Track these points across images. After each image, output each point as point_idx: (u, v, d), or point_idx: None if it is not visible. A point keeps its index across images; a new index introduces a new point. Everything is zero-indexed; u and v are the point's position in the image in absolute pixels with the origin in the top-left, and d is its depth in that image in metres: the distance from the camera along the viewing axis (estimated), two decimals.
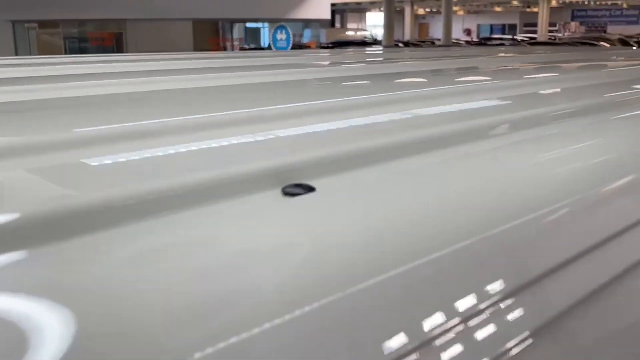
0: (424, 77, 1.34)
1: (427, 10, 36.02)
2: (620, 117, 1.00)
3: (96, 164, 0.57)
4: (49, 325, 0.36)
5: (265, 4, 11.40)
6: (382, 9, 25.48)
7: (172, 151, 0.61)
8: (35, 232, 0.44)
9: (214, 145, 0.65)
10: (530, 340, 0.53)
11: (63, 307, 0.38)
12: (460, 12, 38.17)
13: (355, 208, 0.57)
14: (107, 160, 0.58)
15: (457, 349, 0.47)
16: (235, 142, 0.67)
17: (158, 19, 10.23)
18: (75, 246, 0.43)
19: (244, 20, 13.97)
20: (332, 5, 19.57)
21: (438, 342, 0.46)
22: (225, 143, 0.66)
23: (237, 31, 17.08)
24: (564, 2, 33.06)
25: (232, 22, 13.69)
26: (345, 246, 0.50)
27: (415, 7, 29.56)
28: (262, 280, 0.44)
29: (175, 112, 0.79)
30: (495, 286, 0.53)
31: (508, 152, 0.78)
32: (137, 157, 0.60)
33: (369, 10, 33.77)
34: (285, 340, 0.41)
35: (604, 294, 0.62)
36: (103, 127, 0.68)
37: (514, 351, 0.51)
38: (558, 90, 1.16)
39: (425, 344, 0.46)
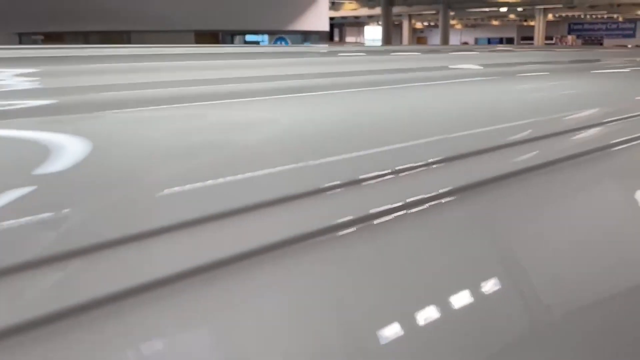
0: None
1: (425, 24, 36.41)
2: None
3: None
4: None
5: (264, 16, 11.69)
6: (380, 22, 25.84)
7: None
8: None
9: None
10: None
11: None
12: (458, 26, 38.58)
13: None
14: None
15: None
16: None
17: (161, 31, 10.51)
18: None
19: (244, 32, 14.25)
20: (331, 19, 19.90)
21: None
22: None
23: (238, 42, 17.40)
24: (560, 16, 33.41)
25: (233, 33, 13.98)
26: None
27: (413, 21, 29.92)
28: None
29: None
30: None
31: None
32: None
33: (367, 24, 34.14)
34: None
35: None
36: None
37: None
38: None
39: None
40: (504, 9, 27.05)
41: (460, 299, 0.62)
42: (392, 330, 0.55)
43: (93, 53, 0.76)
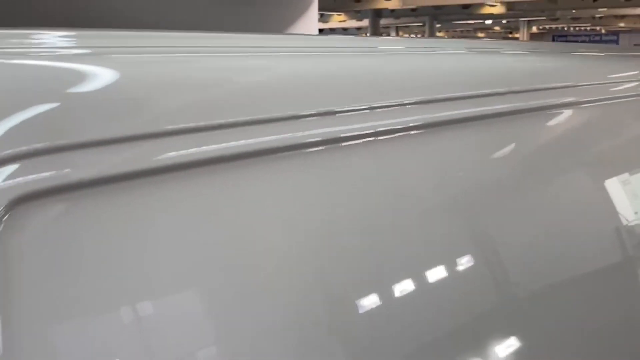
0: None
1: (412, 35, 36.86)
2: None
3: None
4: None
5: (253, 27, 12.01)
6: (368, 34, 26.16)
7: None
8: None
9: None
10: None
11: None
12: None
13: None
14: None
15: None
16: None
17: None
18: None
19: None
20: (320, 30, 20.21)
21: None
22: None
23: None
24: (544, 28, 33.94)
25: None
26: None
27: (400, 33, 30.33)
28: None
29: None
30: None
31: None
32: None
33: (357, 35, 34.48)
34: None
35: None
36: None
37: None
38: None
39: None
40: (489, 22, 27.50)
41: None
42: None
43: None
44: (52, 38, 0.76)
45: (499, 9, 19.16)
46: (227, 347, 0.72)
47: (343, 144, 0.89)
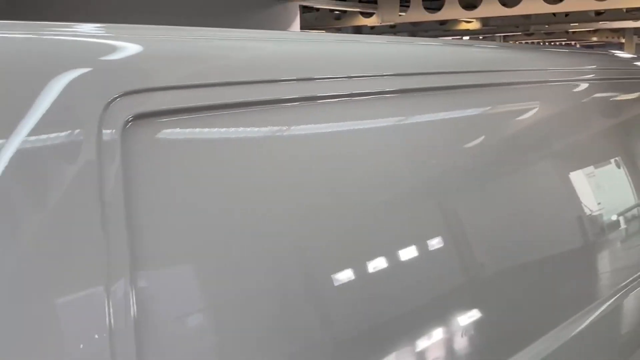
0: None
1: None
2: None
3: None
4: None
5: None
6: None
7: None
8: None
9: None
10: None
11: None
12: None
13: None
14: None
15: None
16: None
17: None
18: None
19: None
20: None
21: None
22: None
23: None
24: (520, 43, 34.71)
25: None
26: None
27: None
28: None
29: None
30: None
31: None
32: None
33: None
34: None
35: None
36: None
37: None
38: None
39: None
40: (466, 37, 28.12)
41: None
42: None
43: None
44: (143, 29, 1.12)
45: (474, 25, 19.68)
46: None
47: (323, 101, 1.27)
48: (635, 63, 2.89)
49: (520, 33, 26.49)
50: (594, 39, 31.53)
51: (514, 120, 1.73)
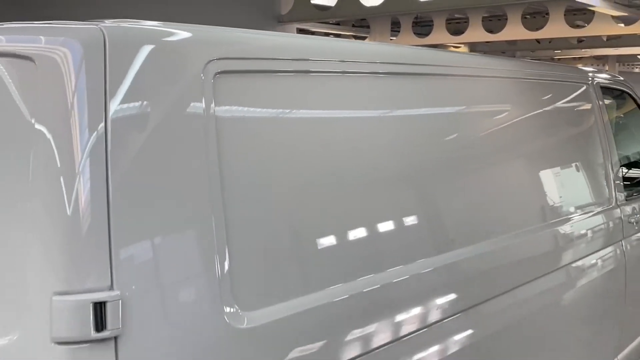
0: None
1: None
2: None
3: None
4: None
5: None
6: None
7: None
8: None
9: None
10: None
11: None
12: None
13: None
14: None
15: None
16: None
17: None
18: None
19: None
20: None
21: None
22: None
23: None
24: None
25: None
26: None
27: None
28: None
29: None
30: None
31: None
32: None
33: None
34: None
35: None
36: None
37: None
38: None
39: None
40: None
41: None
42: None
43: None
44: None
45: (462, 50, 20.54)
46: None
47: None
48: (568, 73, 3.67)
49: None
50: (579, 66, 32.62)
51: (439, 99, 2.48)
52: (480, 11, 14.30)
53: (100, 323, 1.28)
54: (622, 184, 3.65)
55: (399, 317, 2.00)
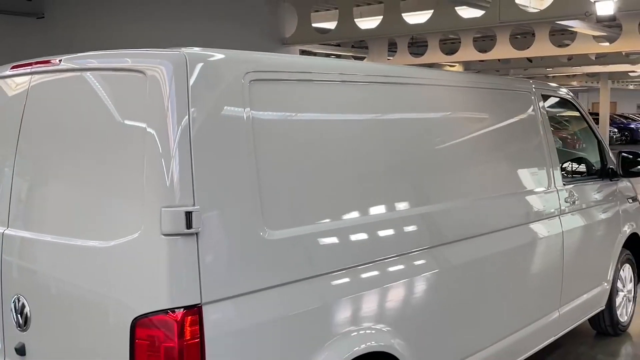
0: None
1: None
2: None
3: None
4: None
5: None
6: None
7: None
8: None
9: None
10: None
11: None
12: None
13: None
14: None
15: None
16: None
17: None
18: None
19: None
20: None
21: None
22: None
23: None
24: None
25: None
26: None
27: None
28: None
29: None
30: None
31: None
32: None
33: None
34: None
35: None
36: None
37: None
38: None
39: None
40: None
41: None
42: None
43: None
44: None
45: (457, 69, 21.51)
46: None
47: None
48: (515, 84, 4.64)
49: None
50: (574, 83, 33.54)
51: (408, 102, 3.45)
52: (471, 32, 15.27)
53: (188, 224, 2.22)
54: (560, 173, 4.59)
55: (384, 244, 3.02)
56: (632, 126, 35.13)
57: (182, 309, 2.20)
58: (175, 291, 2.22)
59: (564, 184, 4.61)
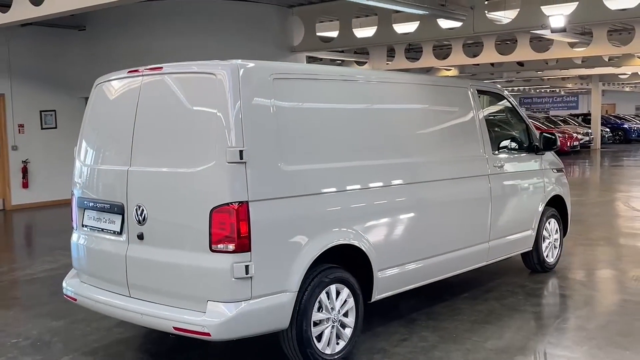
0: None
1: None
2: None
3: None
4: None
5: None
6: None
7: None
8: None
9: None
10: None
11: None
12: None
13: None
14: None
15: None
16: None
17: None
18: None
19: None
20: None
21: None
22: None
23: None
24: (511, 90, 38.42)
25: None
26: None
27: None
28: None
29: None
30: None
31: None
32: None
33: None
34: None
35: None
36: None
37: None
38: None
39: None
40: None
41: None
42: None
43: None
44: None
45: (453, 72, 23.32)
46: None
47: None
48: (455, 82, 6.53)
49: (503, 80, 29.98)
50: (569, 85, 35.14)
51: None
52: (460, 39, 17.11)
53: (240, 157, 4.11)
54: (490, 146, 6.45)
55: (374, 180, 4.94)
56: (625, 126, 36.72)
57: (237, 203, 4.07)
58: (234, 193, 4.09)
59: (493, 154, 6.47)
